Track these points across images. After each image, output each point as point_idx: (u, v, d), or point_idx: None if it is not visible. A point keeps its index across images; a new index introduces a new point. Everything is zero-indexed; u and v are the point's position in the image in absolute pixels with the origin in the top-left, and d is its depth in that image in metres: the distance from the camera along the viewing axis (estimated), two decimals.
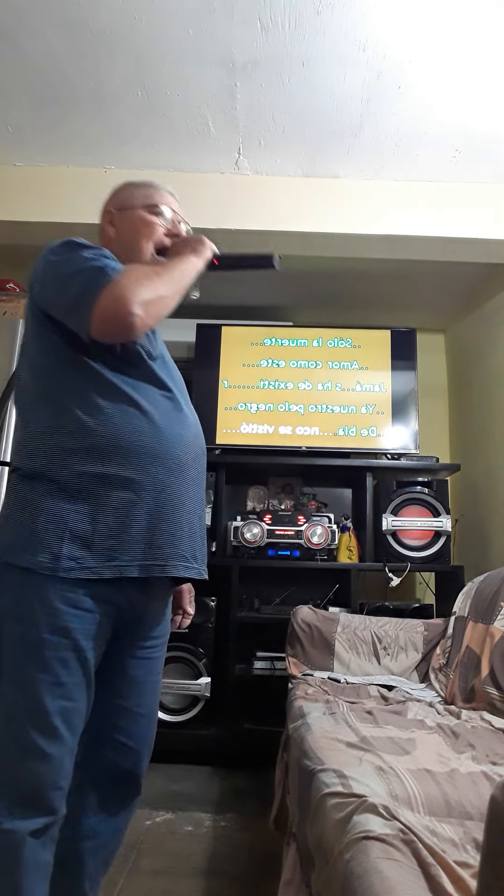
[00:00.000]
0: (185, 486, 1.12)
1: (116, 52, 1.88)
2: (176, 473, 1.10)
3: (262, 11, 1.73)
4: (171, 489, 1.09)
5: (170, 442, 1.10)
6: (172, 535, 1.08)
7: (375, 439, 3.01)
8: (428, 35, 1.77)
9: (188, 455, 1.13)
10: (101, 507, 1.03)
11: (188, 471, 1.13)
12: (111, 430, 1.06)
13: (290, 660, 2.18)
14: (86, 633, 1.02)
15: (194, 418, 1.21)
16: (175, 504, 1.10)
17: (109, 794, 1.17)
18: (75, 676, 1.01)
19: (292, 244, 2.51)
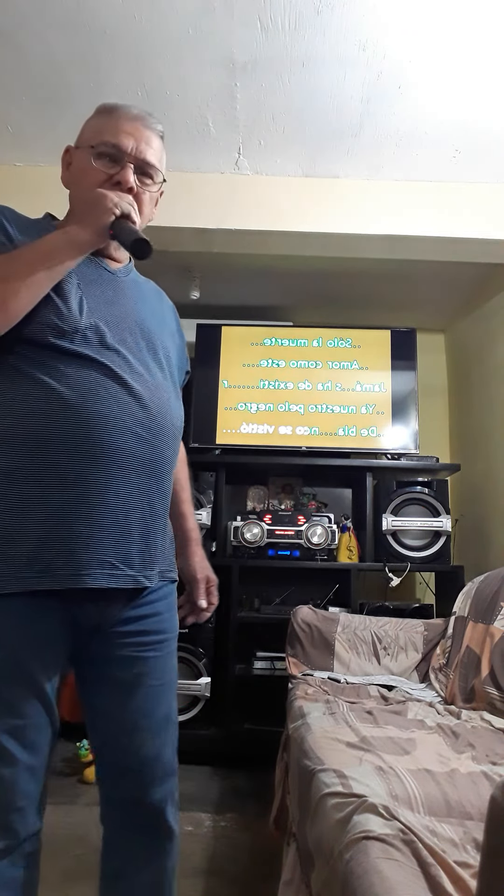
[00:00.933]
0: (122, 477, 0.94)
1: (116, 52, 1.88)
2: (101, 462, 0.92)
3: (262, 11, 1.73)
4: (93, 482, 0.92)
5: (89, 424, 0.92)
6: (87, 538, 0.91)
7: (375, 439, 3.01)
8: (428, 35, 1.77)
9: (123, 438, 0.95)
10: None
11: (121, 457, 0.94)
12: (8, 418, 0.93)
13: (290, 660, 2.18)
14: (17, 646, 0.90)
15: (156, 395, 1.01)
16: (99, 500, 0.92)
17: (128, 833, 1.03)
18: (18, 692, 0.90)
19: (292, 244, 2.51)
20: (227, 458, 2.94)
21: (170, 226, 2.43)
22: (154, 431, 0.99)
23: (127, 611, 0.99)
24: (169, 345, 1.13)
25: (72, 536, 0.90)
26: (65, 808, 2.03)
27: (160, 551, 1.02)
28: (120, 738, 1.01)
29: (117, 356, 0.99)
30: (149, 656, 1.02)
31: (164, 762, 1.03)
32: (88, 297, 1.01)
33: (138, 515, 0.96)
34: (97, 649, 1.00)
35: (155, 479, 0.99)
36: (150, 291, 1.18)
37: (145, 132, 1.06)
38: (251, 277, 2.97)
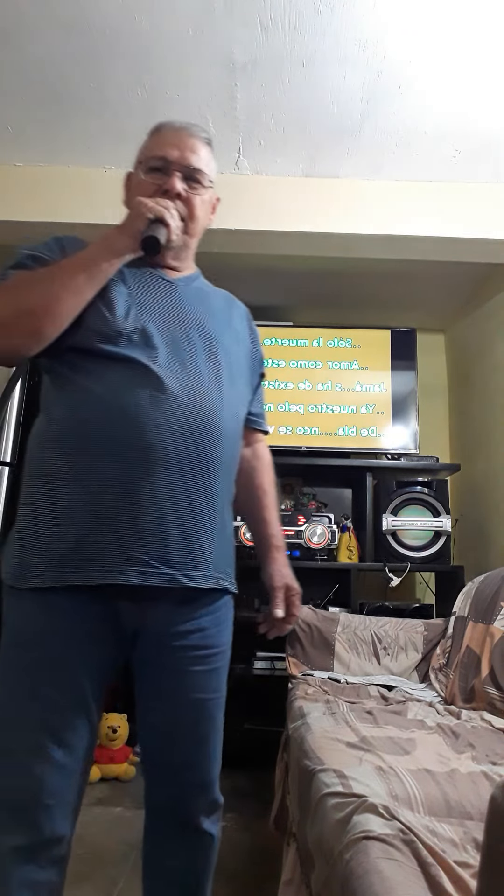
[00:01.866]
0: (157, 474, 0.95)
1: (116, 52, 1.88)
2: (138, 461, 0.94)
3: (262, 11, 1.73)
4: (129, 481, 0.94)
5: (124, 423, 0.95)
6: (122, 536, 0.93)
7: (375, 439, 3.01)
8: (428, 35, 1.77)
9: (159, 437, 0.95)
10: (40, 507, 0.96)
11: (157, 455, 0.95)
12: (56, 422, 0.99)
13: (290, 660, 2.18)
14: (58, 642, 0.93)
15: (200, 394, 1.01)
16: (134, 499, 0.93)
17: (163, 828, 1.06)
18: (56, 687, 0.92)
19: (292, 244, 2.51)
20: None
21: None
22: (195, 429, 0.99)
23: (174, 618, 1.00)
24: (233, 348, 1.14)
25: (107, 534, 0.92)
26: None
27: (209, 552, 1.00)
28: (159, 744, 1.04)
29: (162, 357, 1.00)
30: (192, 670, 1.02)
31: (200, 775, 1.04)
32: (139, 303, 1.04)
33: (176, 514, 0.96)
34: (144, 653, 1.01)
35: (198, 478, 0.99)
36: (217, 298, 1.21)
37: (189, 140, 1.11)
38: (251, 277, 2.97)
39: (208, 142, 1.14)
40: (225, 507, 1.06)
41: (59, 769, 0.91)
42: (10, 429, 2.22)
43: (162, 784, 1.05)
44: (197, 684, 1.03)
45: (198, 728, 1.04)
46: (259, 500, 1.24)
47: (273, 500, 1.27)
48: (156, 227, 1.00)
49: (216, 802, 1.07)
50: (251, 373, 1.21)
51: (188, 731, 1.03)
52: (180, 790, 1.04)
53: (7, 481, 2.18)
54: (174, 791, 1.04)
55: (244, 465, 1.23)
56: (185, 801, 1.04)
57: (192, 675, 1.02)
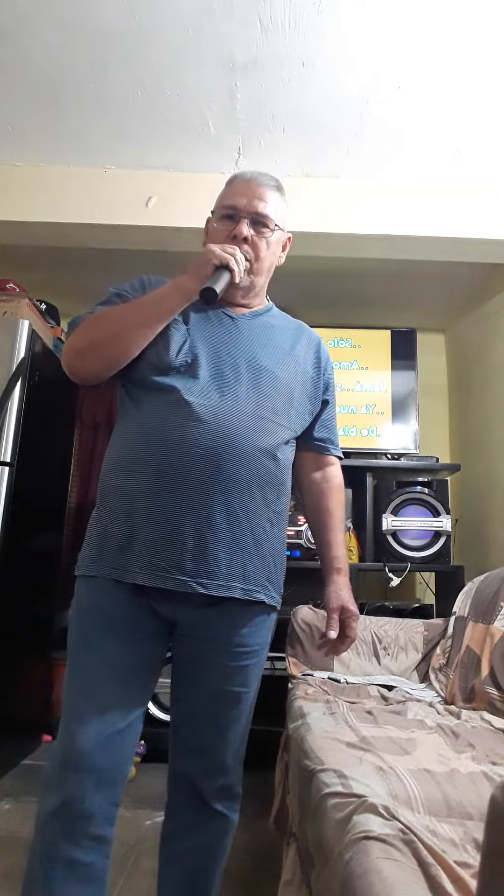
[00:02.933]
0: (181, 491, 1.06)
1: (116, 52, 1.88)
2: (166, 480, 1.07)
3: (262, 11, 1.73)
4: (158, 496, 1.07)
5: (161, 448, 1.08)
6: (154, 544, 1.05)
7: (375, 439, 3.02)
8: (428, 35, 1.77)
9: (182, 458, 1.07)
10: (100, 514, 1.13)
11: (187, 475, 1.07)
12: (113, 444, 1.17)
13: (290, 660, 2.18)
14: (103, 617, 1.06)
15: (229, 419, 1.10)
16: (161, 512, 1.06)
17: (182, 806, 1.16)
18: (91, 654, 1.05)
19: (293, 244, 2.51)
20: None
21: (170, 226, 2.43)
22: (217, 451, 1.08)
23: (203, 617, 1.09)
24: (286, 377, 1.21)
25: (138, 541, 1.06)
26: None
27: (229, 566, 1.08)
28: (182, 726, 1.15)
29: (200, 386, 1.11)
30: (220, 662, 1.11)
31: (215, 760, 1.13)
32: (197, 338, 1.16)
33: (192, 526, 1.06)
34: (178, 642, 1.13)
35: (219, 496, 1.07)
36: (283, 331, 1.29)
37: (258, 189, 1.20)
38: None
39: (278, 187, 1.24)
40: (260, 526, 1.12)
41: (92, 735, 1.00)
42: (10, 429, 2.22)
43: (182, 762, 1.15)
44: (225, 676, 1.12)
45: (218, 715, 1.12)
46: (324, 523, 1.31)
47: (339, 522, 1.33)
48: (220, 272, 1.09)
49: (231, 789, 1.15)
50: (309, 400, 1.27)
51: (209, 716, 1.12)
52: (196, 769, 1.13)
53: (7, 481, 2.18)
54: (191, 770, 1.14)
55: (313, 487, 1.34)
56: (200, 781, 1.13)
57: (222, 668, 1.11)
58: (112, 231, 2.46)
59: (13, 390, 2.25)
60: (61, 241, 2.57)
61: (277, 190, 1.23)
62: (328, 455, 1.35)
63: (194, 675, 1.13)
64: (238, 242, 1.16)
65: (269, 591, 1.15)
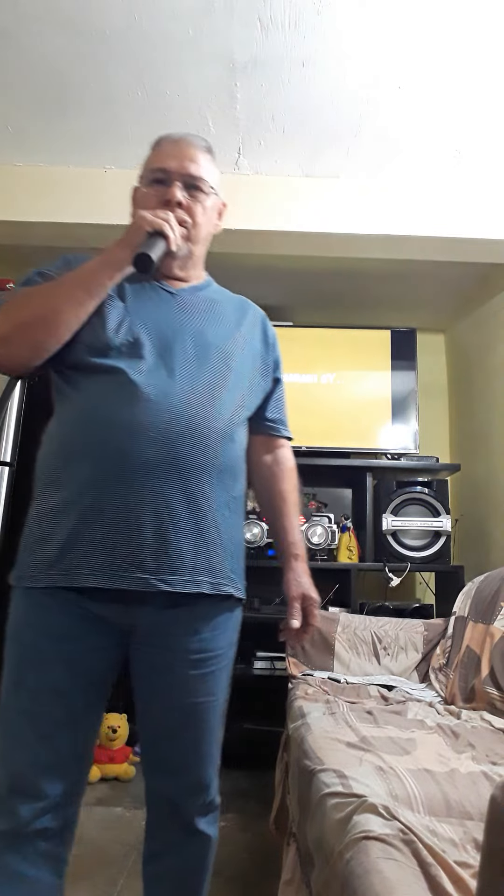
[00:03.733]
0: (134, 480, 0.96)
1: (116, 52, 1.88)
2: (116, 468, 0.96)
3: (262, 11, 1.73)
4: (107, 487, 0.96)
5: (102, 430, 0.97)
6: (106, 541, 0.95)
7: (375, 439, 3.01)
8: (428, 35, 1.77)
9: (134, 443, 0.96)
10: (39, 513, 1.01)
11: (133, 461, 0.96)
12: (51, 433, 1.05)
13: (290, 660, 2.18)
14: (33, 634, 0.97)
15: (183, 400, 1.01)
16: (113, 505, 0.95)
17: (163, 824, 1.07)
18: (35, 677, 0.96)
19: (292, 244, 2.51)
20: None
21: None
22: (173, 435, 0.98)
23: (165, 621, 1.00)
24: (237, 353, 1.13)
25: (88, 539, 0.95)
26: None
27: (194, 559, 0.99)
28: (154, 744, 1.06)
29: (146, 365, 1.02)
30: (185, 673, 1.02)
31: (194, 777, 1.04)
32: (134, 316, 1.06)
33: (151, 518, 0.96)
34: (138, 653, 1.03)
35: (177, 483, 0.98)
36: (227, 306, 1.21)
37: (189, 150, 1.12)
38: (251, 277, 2.97)
39: (208, 149, 1.16)
40: (220, 512, 1.04)
41: (36, 758, 0.93)
42: (10, 429, 2.22)
43: (158, 783, 1.07)
44: (189, 688, 1.03)
45: (189, 731, 1.04)
46: (278, 508, 1.23)
47: (294, 507, 1.25)
48: (154, 240, 1.01)
49: (212, 803, 1.08)
50: (261, 377, 1.20)
51: (180, 733, 1.04)
52: (175, 790, 1.05)
53: (7, 481, 2.18)
54: (169, 790, 1.06)
55: (265, 471, 1.25)
56: (180, 801, 1.05)
57: (184, 679, 1.02)
58: (112, 231, 2.45)
59: (13, 390, 2.24)
60: (61, 241, 2.56)
61: (209, 152, 1.16)
62: (279, 437, 1.27)
63: (157, 687, 1.03)
64: (172, 207, 1.08)
65: (235, 584, 1.07)
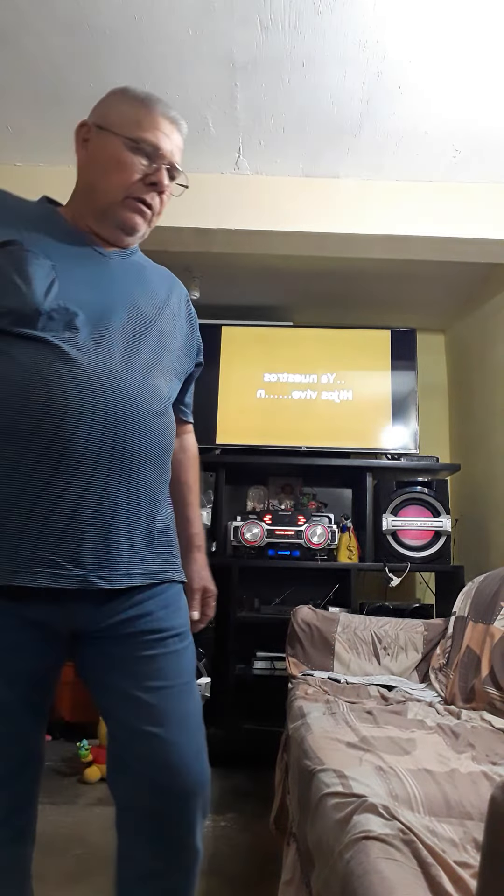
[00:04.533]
0: (75, 469, 0.87)
1: (116, 52, 1.88)
2: (53, 454, 0.86)
3: (262, 11, 1.73)
4: (43, 475, 0.86)
5: (38, 411, 0.86)
6: (29, 534, 0.85)
7: (375, 439, 3.01)
8: (428, 35, 1.77)
9: (76, 426, 0.87)
10: None
11: (73, 446, 0.87)
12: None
13: (290, 660, 2.18)
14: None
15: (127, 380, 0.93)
16: (48, 495, 0.86)
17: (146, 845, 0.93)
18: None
19: (292, 244, 2.51)
20: (227, 458, 2.93)
21: (170, 226, 2.43)
22: (116, 418, 0.90)
23: (108, 612, 0.92)
24: (169, 330, 1.07)
25: (13, 532, 0.85)
26: (65, 808, 2.03)
27: (131, 551, 0.92)
28: (134, 747, 0.93)
29: (82, 338, 0.92)
30: (145, 655, 0.94)
31: (185, 773, 0.93)
32: (64, 278, 0.94)
33: (92, 511, 0.88)
34: (91, 655, 0.95)
35: (119, 472, 0.91)
36: (155, 276, 1.12)
37: (176, 136, 1.07)
38: (251, 277, 2.97)
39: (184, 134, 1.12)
40: (155, 500, 0.98)
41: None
42: None
43: (141, 795, 0.93)
44: (156, 671, 0.94)
45: (172, 721, 0.93)
46: (183, 497, 1.16)
47: (196, 496, 1.21)
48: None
49: (206, 807, 0.96)
50: (187, 358, 1.14)
51: (164, 726, 0.92)
52: (167, 798, 0.92)
53: None
54: (156, 801, 0.92)
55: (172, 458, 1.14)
56: (172, 811, 0.93)
57: (148, 662, 0.94)
58: None
59: None
60: None
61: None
62: (186, 422, 1.20)
63: (123, 683, 0.93)
64: (150, 190, 1.02)
65: (173, 568, 1.01)
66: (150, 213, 1.05)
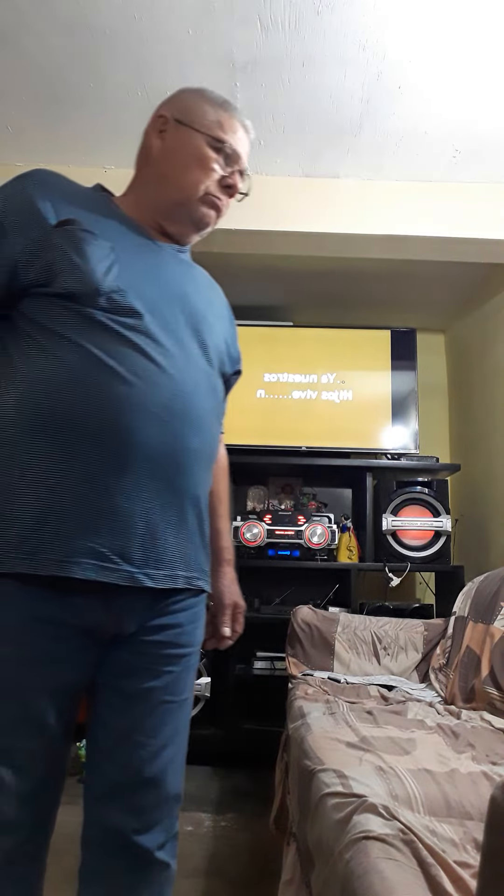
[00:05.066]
0: (129, 461, 0.84)
1: (116, 52, 1.88)
2: (109, 444, 0.83)
3: (262, 11, 1.73)
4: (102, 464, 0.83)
5: (95, 399, 0.83)
6: (92, 526, 0.82)
7: (375, 439, 3.01)
8: (428, 35, 1.77)
9: (135, 418, 0.84)
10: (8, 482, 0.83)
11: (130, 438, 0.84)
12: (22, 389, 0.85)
13: (290, 660, 2.18)
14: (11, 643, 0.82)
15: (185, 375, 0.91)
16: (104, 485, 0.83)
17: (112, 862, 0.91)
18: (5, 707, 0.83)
19: (292, 244, 2.51)
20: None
21: None
22: (175, 414, 0.88)
23: (146, 615, 0.90)
24: (218, 328, 1.05)
25: (65, 520, 0.81)
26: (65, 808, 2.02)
27: (176, 551, 0.90)
28: (117, 754, 0.91)
29: (145, 327, 0.89)
30: (163, 670, 0.92)
31: (163, 785, 0.92)
32: (123, 264, 0.91)
33: (144, 506, 0.85)
34: (111, 656, 0.91)
35: (172, 469, 0.88)
36: (202, 277, 1.12)
37: (247, 144, 1.08)
38: (251, 277, 2.97)
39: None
40: (201, 503, 0.97)
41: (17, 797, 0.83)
42: None
43: (108, 809, 0.91)
44: (168, 686, 0.93)
45: (165, 736, 0.93)
46: (214, 508, 1.11)
47: (227, 508, 1.18)
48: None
49: (174, 826, 0.95)
50: (229, 363, 1.12)
51: (154, 738, 0.91)
52: (135, 813, 0.90)
53: None
54: (124, 818, 0.90)
55: None
56: (140, 826, 0.90)
57: (164, 677, 0.92)
58: None
59: None
60: None
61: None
62: (220, 432, 1.16)
63: (137, 689, 0.90)
64: (225, 192, 1.03)
65: (206, 577, 0.99)
66: (220, 213, 1.04)
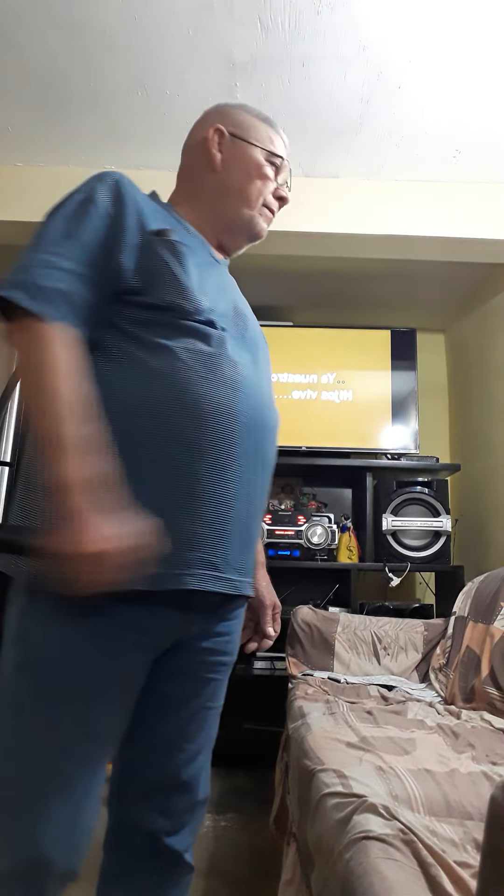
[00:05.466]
0: (232, 470, 0.86)
1: (116, 52, 1.88)
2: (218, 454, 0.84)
3: (262, 11, 1.73)
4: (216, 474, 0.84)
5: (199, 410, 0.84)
6: (206, 535, 0.83)
7: (375, 439, 3.01)
8: (428, 35, 1.77)
9: (231, 428, 0.86)
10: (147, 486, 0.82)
11: (228, 448, 0.86)
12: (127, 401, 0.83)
13: (290, 660, 2.18)
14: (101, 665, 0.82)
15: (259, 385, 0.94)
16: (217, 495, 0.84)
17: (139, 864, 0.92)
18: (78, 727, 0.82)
19: (292, 244, 2.51)
20: None
21: None
22: (259, 425, 0.91)
23: (209, 624, 0.92)
24: (261, 340, 1.07)
25: (175, 531, 0.79)
26: None
27: (252, 559, 0.93)
28: (157, 757, 0.93)
29: (232, 340, 0.92)
30: (208, 677, 0.95)
31: (196, 789, 0.96)
32: (203, 276, 0.94)
33: (238, 514, 0.87)
34: (163, 660, 0.90)
35: (258, 477, 0.91)
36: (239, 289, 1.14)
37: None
38: (251, 277, 2.96)
39: None
40: (264, 508, 0.99)
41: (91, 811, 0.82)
42: (10, 429, 2.22)
43: (141, 810, 0.93)
44: (210, 693, 0.97)
45: (201, 741, 0.96)
46: None
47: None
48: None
49: (197, 829, 0.97)
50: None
51: (192, 743, 0.94)
52: (168, 816, 0.93)
53: (7, 481, 2.18)
54: (157, 820, 0.92)
55: None
56: (170, 828, 0.92)
57: (208, 684, 0.96)
58: None
59: (13, 390, 2.25)
60: None
61: None
62: None
63: (178, 698, 0.93)
64: (276, 207, 1.08)
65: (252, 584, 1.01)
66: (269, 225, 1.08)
